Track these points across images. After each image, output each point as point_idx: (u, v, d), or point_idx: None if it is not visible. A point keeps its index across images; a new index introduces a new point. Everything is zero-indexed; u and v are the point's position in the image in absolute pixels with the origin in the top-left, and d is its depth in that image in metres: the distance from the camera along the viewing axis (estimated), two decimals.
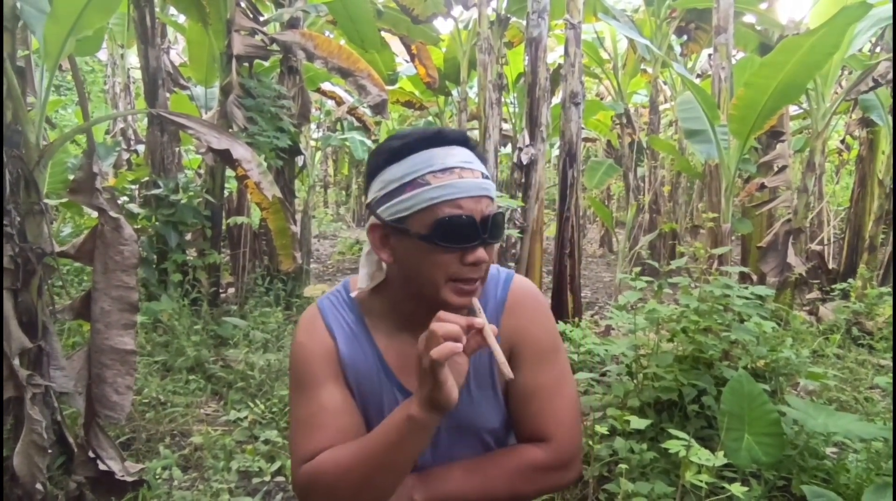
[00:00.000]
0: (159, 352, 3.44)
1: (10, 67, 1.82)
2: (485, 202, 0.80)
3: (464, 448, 0.90)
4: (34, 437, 1.77)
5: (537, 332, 0.90)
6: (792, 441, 2.34)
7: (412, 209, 0.79)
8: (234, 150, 2.20)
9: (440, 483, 0.85)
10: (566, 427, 0.88)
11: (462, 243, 0.79)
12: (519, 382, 0.88)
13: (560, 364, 0.91)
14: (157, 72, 4.51)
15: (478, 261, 0.80)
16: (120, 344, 2.05)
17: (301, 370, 0.88)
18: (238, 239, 5.04)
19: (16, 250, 1.84)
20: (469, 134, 0.85)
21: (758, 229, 5.24)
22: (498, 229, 0.81)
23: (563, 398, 0.89)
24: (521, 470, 0.86)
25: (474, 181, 0.79)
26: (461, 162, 0.79)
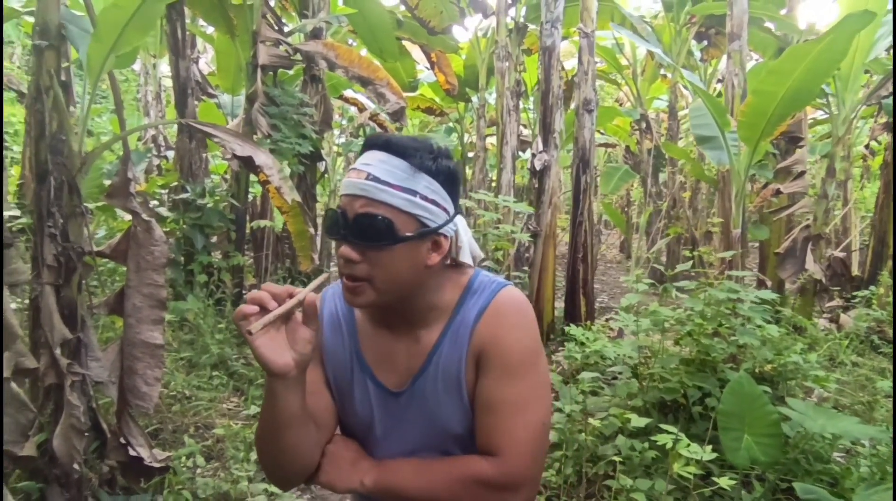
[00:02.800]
0: (185, 349, 3.60)
1: (56, 81, 1.99)
2: (359, 202, 0.81)
3: (427, 447, 0.91)
4: (73, 421, 1.92)
5: (510, 343, 0.86)
6: (796, 444, 2.36)
7: None
8: (256, 157, 2.34)
9: (390, 474, 0.87)
10: (519, 447, 0.84)
11: (329, 235, 0.86)
12: (482, 391, 0.86)
13: (530, 382, 0.86)
14: (187, 81, 4.73)
15: (341, 255, 0.82)
16: (150, 338, 2.19)
17: None
18: (261, 242, 5.21)
19: (59, 249, 2.00)
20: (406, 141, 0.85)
21: (776, 235, 5.21)
22: (366, 232, 0.81)
23: (524, 416, 0.84)
24: (464, 480, 0.84)
25: (354, 181, 0.82)
26: (360, 164, 0.84)
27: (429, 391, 0.89)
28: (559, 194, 4.40)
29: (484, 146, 7.30)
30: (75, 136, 2.04)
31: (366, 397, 0.92)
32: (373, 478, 0.87)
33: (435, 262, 0.86)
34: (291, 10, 5.59)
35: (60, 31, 2.04)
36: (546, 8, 3.82)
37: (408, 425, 0.91)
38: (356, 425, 0.94)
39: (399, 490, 0.86)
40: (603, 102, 11.55)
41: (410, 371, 0.91)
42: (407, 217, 0.82)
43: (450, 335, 0.89)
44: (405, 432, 0.91)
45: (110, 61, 1.98)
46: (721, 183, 3.62)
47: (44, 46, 1.99)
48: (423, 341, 0.90)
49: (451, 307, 0.90)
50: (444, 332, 0.90)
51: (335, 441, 0.92)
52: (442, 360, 0.89)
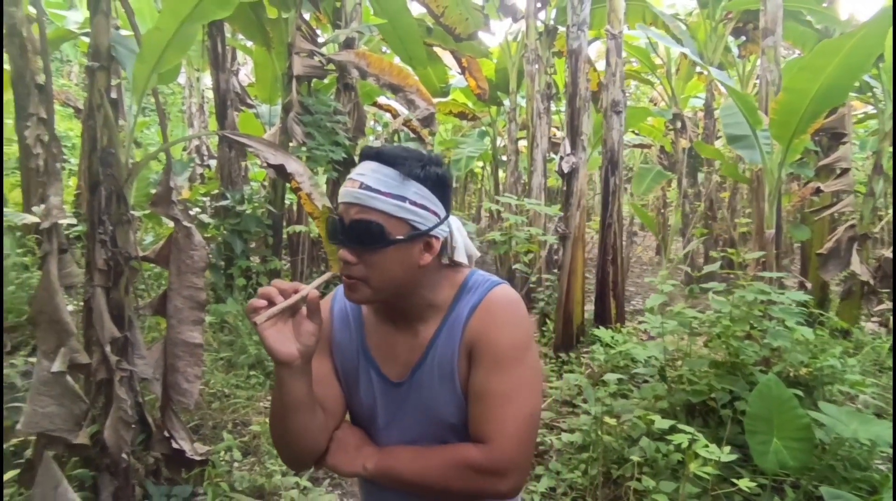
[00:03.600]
0: (224, 349, 3.77)
1: (107, 99, 2.15)
2: (354, 209, 0.89)
3: (425, 435, 0.96)
4: (121, 414, 2.07)
5: (499, 337, 0.91)
6: (832, 450, 2.30)
7: None
8: (287, 164, 2.46)
9: (390, 459, 0.93)
10: (507, 435, 0.88)
11: (332, 240, 0.93)
12: (473, 382, 0.92)
13: (518, 374, 0.91)
14: (227, 93, 4.95)
15: (340, 258, 0.90)
16: (190, 338, 2.32)
17: None
18: (297, 246, 5.38)
19: (108, 254, 2.16)
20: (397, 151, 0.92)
21: (818, 236, 5.02)
22: (358, 236, 0.88)
23: (512, 406, 0.89)
24: (455, 465, 0.89)
25: (349, 190, 0.90)
26: (355, 174, 0.91)
27: (426, 383, 0.96)
28: (587, 196, 4.38)
29: (515, 149, 7.31)
30: (123, 149, 2.20)
31: (370, 387, 0.99)
32: (374, 463, 0.93)
33: (427, 262, 0.92)
34: (326, 22, 5.77)
35: (110, 52, 2.21)
36: (572, 11, 3.82)
37: (407, 414, 0.97)
38: (361, 413, 1.01)
39: (397, 474, 0.92)
40: (637, 102, 11.36)
41: (410, 364, 0.97)
42: (397, 222, 0.89)
43: (445, 330, 0.95)
44: (405, 420, 0.97)
45: (153, 79, 2.13)
46: (755, 183, 3.53)
47: (95, 68, 2.16)
48: (422, 335, 0.97)
49: (448, 304, 0.97)
50: (440, 327, 0.96)
51: (342, 427, 0.99)
52: (438, 353, 0.95)
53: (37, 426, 1.77)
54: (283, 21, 4.76)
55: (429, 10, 5.18)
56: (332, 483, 2.73)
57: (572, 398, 3.37)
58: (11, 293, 3.93)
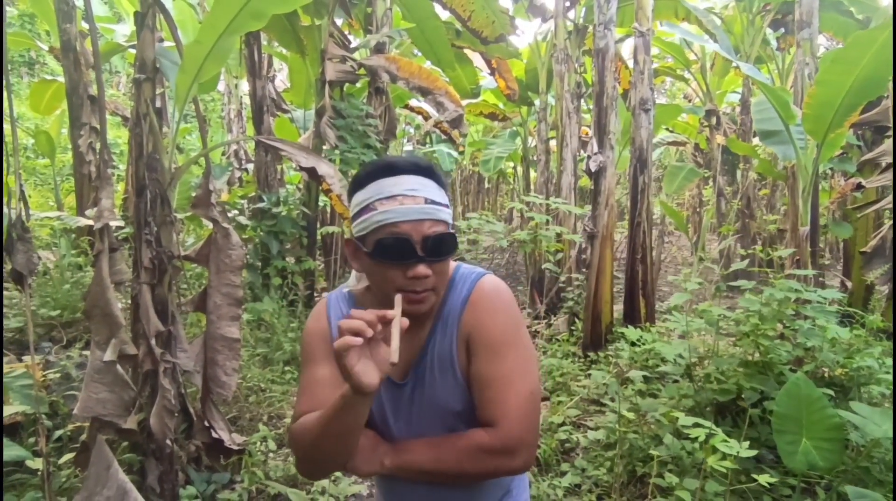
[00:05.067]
0: (261, 346, 3.92)
1: (152, 108, 2.30)
2: (426, 225, 0.92)
3: (434, 426, 1.01)
4: (165, 403, 2.21)
5: (491, 326, 0.97)
6: (867, 452, 2.24)
7: (365, 231, 0.94)
8: (318, 167, 2.57)
9: (405, 453, 0.97)
10: (513, 416, 0.94)
11: (400, 261, 0.91)
12: (475, 370, 0.97)
13: (514, 357, 0.96)
14: (263, 99, 5.14)
15: (417, 276, 0.91)
16: (228, 333, 2.45)
17: (304, 349, 1.05)
18: (331, 247, 5.54)
19: (153, 253, 2.31)
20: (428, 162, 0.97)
21: (862, 233, 4.84)
22: (440, 249, 0.93)
23: (514, 388, 0.95)
24: (468, 450, 0.94)
25: (414, 207, 0.92)
26: (406, 190, 0.92)
27: (427, 377, 1.01)
28: (617, 195, 4.35)
29: (546, 149, 7.30)
30: (167, 154, 2.35)
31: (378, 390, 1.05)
32: (391, 459, 0.97)
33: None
34: (357, 27, 5.92)
35: (155, 65, 2.36)
36: (599, 10, 3.82)
37: (415, 409, 1.02)
38: (372, 416, 1.04)
39: (414, 466, 0.97)
40: (673, 99, 11.14)
41: (409, 363, 1.02)
42: (452, 228, 0.97)
43: (440, 326, 1.01)
44: (413, 416, 1.02)
45: (194, 89, 2.27)
46: (790, 179, 3.45)
47: (142, 80, 2.32)
48: (419, 334, 1.02)
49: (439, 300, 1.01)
50: (434, 324, 1.01)
51: None
52: (436, 348, 1.00)
53: (91, 411, 1.92)
54: (316, 28, 4.92)
55: (455, 14, 5.25)
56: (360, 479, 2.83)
57: (600, 397, 3.37)
58: (67, 291, 4.20)
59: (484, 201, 14.36)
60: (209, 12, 2.13)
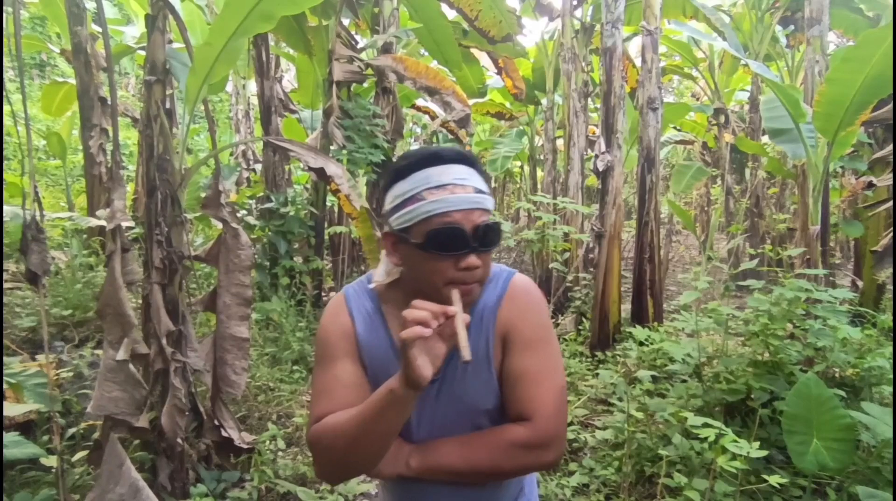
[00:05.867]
0: (269, 345, 3.94)
1: (162, 110, 2.32)
2: (476, 214, 0.89)
3: (460, 425, 0.98)
4: (176, 401, 2.23)
5: (526, 323, 0.98)
6: (878, 453, 2.23)
7: (412, 221, 0.89)
8: (327, 167, 2.58)
9: (433, 453, 0.94)
10: (547, 410, 0.94)
11: (453, 251, 0.88)
12: (508, 366, 0.96)
13: (547, 353, 0.97)
14: (271, 100, 5.17)
15: (469, 267, 0.88)
16: (237, 333, 2.47)
17: (322, 347, 1.00)
18: (338, 247, 5.56)
19: (164, 253, 2.33)
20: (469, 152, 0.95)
21: (873, 232, 4.79)
22: (489, 238, 0.90)
23: (547, 383, 0.95)
24: (502, 446, 0.92)
25: (465, 196, 0.89)
26: (455, 179, 0.90)
27: (458, 374, 0.98)
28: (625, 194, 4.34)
29: (553, 148, 7.28)
30: (177, 155, 2.37)
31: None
32: (417, 460, 0.94)
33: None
34: (365, 27, 5.93)
35: (166, 67, 2.39)
36: (606, 9, 3.81)
37: (441, 407, 0.99)
38: None
39: (443, 465, 0.93)
40: (681, 97, 11.07)
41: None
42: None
43: (474, 322, 0.97)
44: (438, 414, 0.99)
45: (204, 90, 2.29)
46: (800, 177, 3.43)
47: (152, 81, 2.34)
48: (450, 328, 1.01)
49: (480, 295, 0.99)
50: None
51: None
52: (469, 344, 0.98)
53: (104, 409, 1.94)
54: (324, 28, 4.94)
55: (462, 14, 5.25)
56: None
57: (607, 397, 3.37)
58: (78, 291, 4.24)
59: None
60: (219, 14, 2.15)
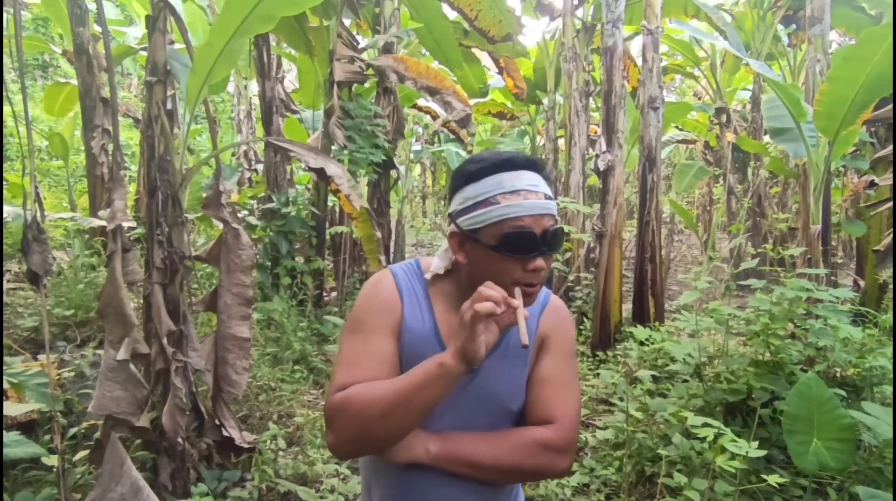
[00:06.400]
0: (271, 345, 3.95)
1: (163, 111, 2.33)
2: (546, 219, 0.94)
3: (481, 421, 0.99)
4: (177, 401, 2.24)
5: (563, 333, 1.06)
6: (880, 453, 2.22)
7: (484, 223, 0.94)
8: (327, 168, 2.59)
9: (454, 442, 0.96)
10: (570, 416, 0.99)
11: (524, 253, 0.93)
12: (540, 369, 1.02)
13: (574, 368, 1.06)
14: (272, 100, 5.18)
15: (537, 268, 0.93)
16: (238, 333, 2.48)
17: (361, 317, 1.00)
18: (339, 247, 5.56)
19: (165, 253, 2.34)
20: (538, 158, 1.01)
21: (875, 231, 4.78)
22: (556, 242, 0.96)
23: (573, 391, 1.02)
24: (527, 444, 0.95)
25: (537, 202, 0.94)
26: (527, 185, 0.94)
27: (494, 368, 1.00)
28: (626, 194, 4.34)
29: (555, 148, 7.28)
30: (178, 156, 2.37)
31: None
32: (438, 446, 0.95)
33: None
34: (366, 28, 5.94)
35: (166, 68, 2.39)
36: (607, 8, 3.81)
37: (467, 399, 0.99)
38: None
39: (464, 455, 0.95)
40: (683, 97, 11.05)
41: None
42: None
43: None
44: (461, 407, 0.99)
45: (205, 91, 2.30)
46: (801, 177, 3.42)
47: (153, 82, 2.35)
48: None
49: None
50: None
51: None
52: (511, 340, 1.01)
53: (105, 409, 1.95)
54: (325, 29, 4.94)
55: (463, 14, 5.25)
56: None
57: (608, 396, 3.36)
58: (80, 291, 4.26)
59: None
60: (219, 15, 2.16)
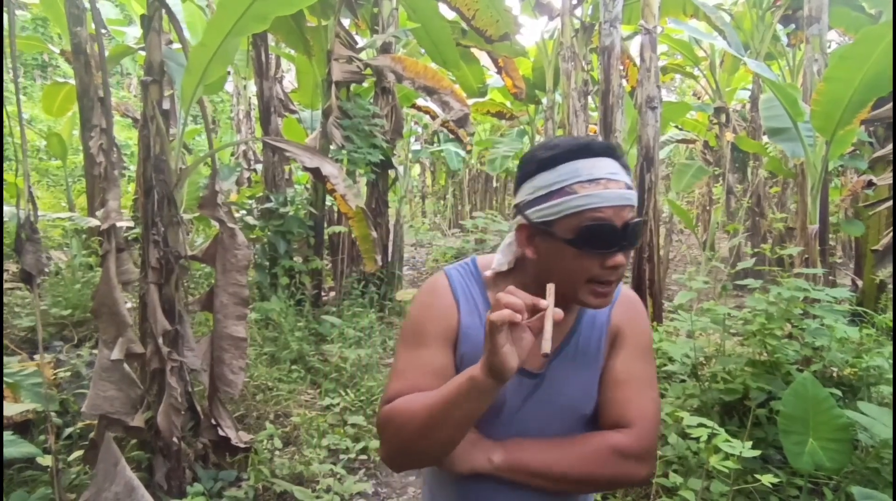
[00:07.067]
0: (268, 345, 3.94)
1: (159, 110, 2.33)
2: (627, 211, 0.85)
3: (553, 428, 0.92)
4: (172, 401, 2.23)
5: (638, 328, 0.96)
6: (877, 453, 2.22)
7: (559, 215, 0.84)
8: (322, 167, 2.58)
9: (519, 451, 0.88)
10: (649, 420, 0.90)
11: (603, 248, 0.84)
12: (614, 368, 0.93)
13: (652, 366, 0.96)
14: (270, 100, 5.18)
15: (617, 265, 0.85)
16: (234, 332, 2.47)
17: (415, 327, 0.94)
18: (337, 247, 5.56)
19: (160, 253, 2.33)
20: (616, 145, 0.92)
21: (874, 231, 4.77)
22: (637, 236, 0.87)
23: (651, 392, 0.93)
24: (601, 451, 0.87)
25: (618, 192, 0.84)
26: (607, 174, 0.85)
27: (564, 372, 0.93)
28: None
29: None
30: (173, 155, 2.37)
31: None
32: (502, 456, 0.88)
33: None
34: (365, 27, 5.93)
35: (162, 67, 2.39)
36: (605, 8, 3.80)
37: (536, 405, 0.93)
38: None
39: (531, 464, 0.87)
40: (683, 96, 11.05)
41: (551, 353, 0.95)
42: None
43: (587, 318, 0.96)
44: (530, 413, 0.93)
45: (200, 90, 2.29)
46: (799, 177, 3.42)
47: (149, 82, 2.34)
48: (561, 324, 0.93)
49: None
50: (579, 315, 0.96)
51: None
52: (580, 340, 0.95)
53: (99, 409, 1.95)
54: (323, 28, 4.94)
55: (460, 13, 5.25)
56: (368, 472, 2.84)
57: None
58: (78, 291, 4.25)
59: (492, 200, 14.36)
60: (213, 15, 2.16)
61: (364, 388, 3.53)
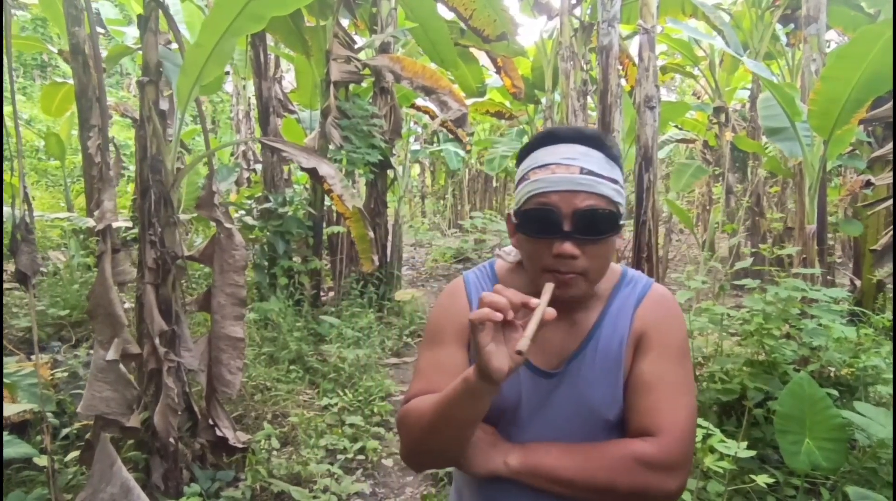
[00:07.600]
0: (267, 345, 3.94)
1: (155, 111, 2.32)
2: (580, 197, 0.81)
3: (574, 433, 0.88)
4: (169, 401, 2.23)
5: (667, 328, 0.89)
6: (874, 453, 2.22)
7: (518, 202, 0.87)
8: (319, 168, 2.58)
9: (537, 455, 0.84)
10: (680, 427, 0.83)
11: (544, 235, 0.82)
12: (639, 371, 0.87)
13: (686, 367, 0.88)
14: (269, 101, 5.18)
15: (560, 254, 0.81)
16: (232, 332, 2.47)
17: (434, 328, 0.95)
18: (336, 247, 5.56)
19: (157, 253, 2.33)
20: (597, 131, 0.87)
21: (872, 231, 4.77)
22: (595, 226, 0.82)
23: (682, 399, 0.85)
24: (624, 460, 0.81)
25: (567, 176, 0.81)
26: (560, 159, 0.82)
27: (583, 373, 0.89)
28: None
29: None
30: (170, 156, 2.37)
31: (515, 378, 0.90)
32: (518, 459, 0.84)
33: (620, 247, 0.90)
34: (363, 27, 5.93)
35: (159, 68, 2.39)
36: (603, 7, 3.80)
37: (555, 408, 0.90)
38: (499, 408, 0.90)
39: (548, 470, 0.83)
40: (682, 96, 11.04)
41: (565, 353, 0.91)
42: (616, 206, 0.85)
43: (608, 319, 0.91)
44: (550, 415, 0.90)
45: (196, 91, 2.29)
46: (797, 176, 3.42)
47: (145, 82, 2.34)
48: (581, 324, 0.91)
49: (608, 294, 0.93)
50: (601, 316, 0.92)
51: None
52: (601, 342, 0.90)
53: (94, 409, 1.95)
54: (321, 28, 4.94)
55: (457, 13, 5.25)
56: (365, 472, 2.84)
57: None
58: (76, 291, 4.26)
59: (492, 200, 14.36)
60: (209, 15, 2.16)
61: (362, 388, 3.53)
